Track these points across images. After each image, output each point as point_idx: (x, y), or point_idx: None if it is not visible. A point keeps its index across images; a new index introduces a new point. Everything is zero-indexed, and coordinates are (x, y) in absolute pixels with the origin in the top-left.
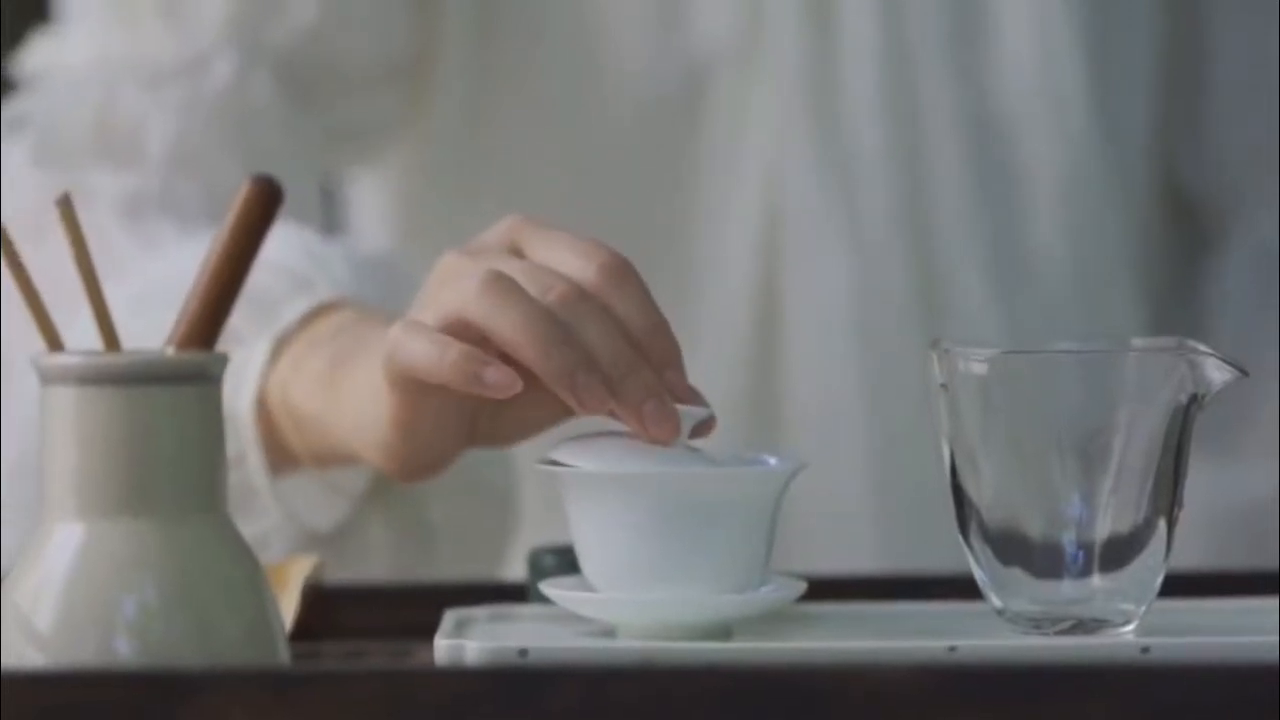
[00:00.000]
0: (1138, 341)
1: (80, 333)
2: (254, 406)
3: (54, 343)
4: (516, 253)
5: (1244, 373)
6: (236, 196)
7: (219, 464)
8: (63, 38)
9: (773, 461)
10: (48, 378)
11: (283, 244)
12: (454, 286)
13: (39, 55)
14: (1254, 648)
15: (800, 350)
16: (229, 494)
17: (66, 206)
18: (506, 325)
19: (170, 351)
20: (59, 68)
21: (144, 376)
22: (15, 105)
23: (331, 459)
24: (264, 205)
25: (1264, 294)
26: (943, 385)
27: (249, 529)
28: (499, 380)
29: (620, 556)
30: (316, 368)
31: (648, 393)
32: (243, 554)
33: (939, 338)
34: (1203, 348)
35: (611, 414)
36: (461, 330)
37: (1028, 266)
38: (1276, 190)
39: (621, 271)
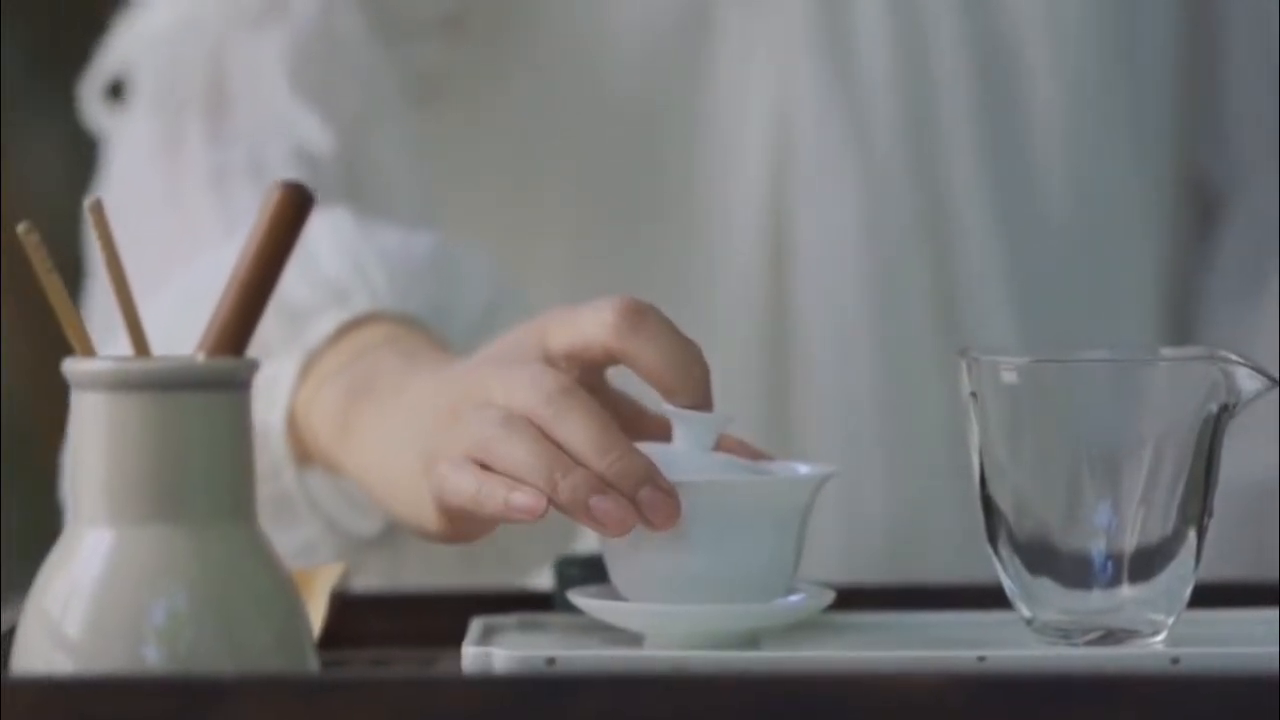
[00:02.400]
0: (1168, 351)
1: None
2: (285, 422)
3: (85, 349)
4: (544, 339)
5: (1275, 382)
6: (267, 202)
7: (249, 471)
8: (147, 11)
9: (802, 469)
10: (78, 384)
11: (328, 244)
12: (475, 424)
13: (126, 33)
14: None
15: (810, 283)
16: (269, 505)
17: (98, 213)
18: (515, 468)
19: (201, 358)
20: (153, 31)
21: (174, 383)
22: (108, 67)
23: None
24: (295, 210)
25: (1259, 274)
26: (972, 394)
27: (293, 538)
28: (525, 504)
29: (649, 565)
30: (333, 400)
31: (635, 481)
32: (272, 561)
33: (968, 347)
34: (1233, 356)
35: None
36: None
37: (1036, 197)
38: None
39: (638, 316)
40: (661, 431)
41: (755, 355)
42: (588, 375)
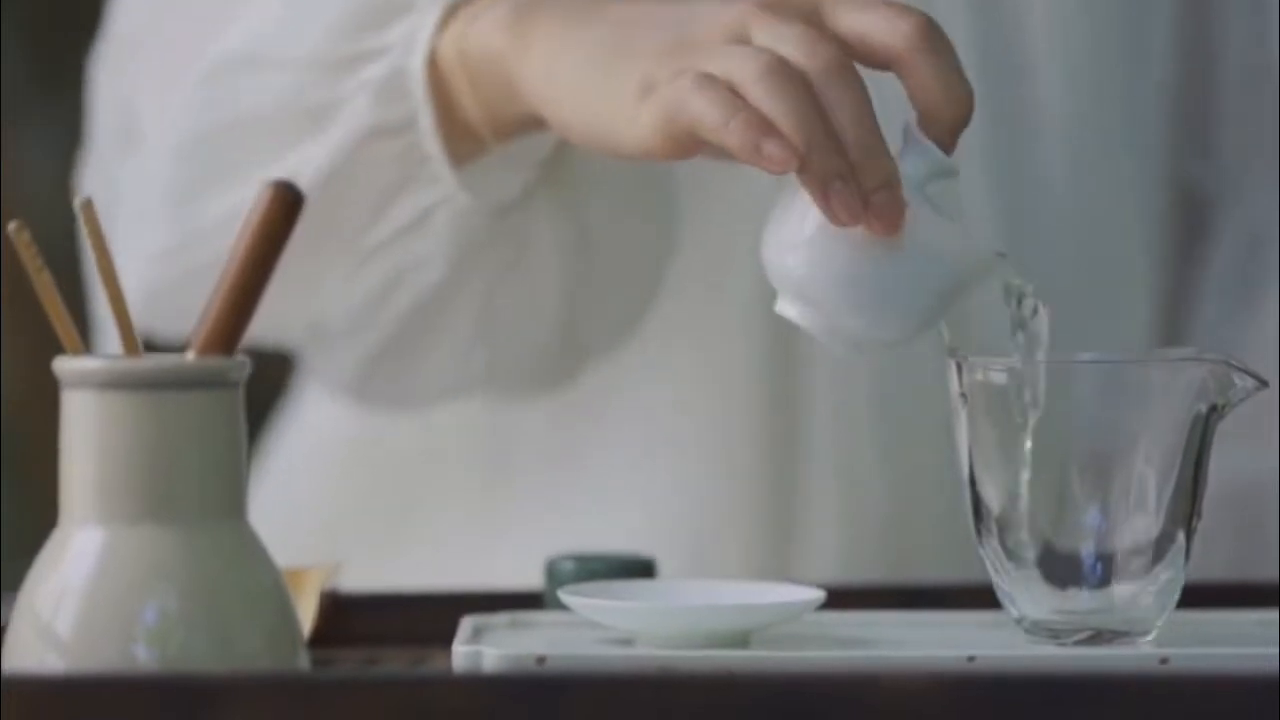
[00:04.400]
0: (1157, 352)
1: None
2: (425, 66)
3: (75, 347)
4: (822, 6)
5: (1264, 383)
6: (257, 202)
7: (240, 470)
8: None
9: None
10: (68, 382)
11: None
12: (738, 57)
13: None
14: (1273, 659)
15: None
16: (392, 165)
17: (88, 210)
18: (778, 115)
19: (191, 357)
20: None
21: (165, 382)
22: None
23: (507, 118)
24: (284, 210)
25: (1251, 285)
26: (962, 395)
27: (413, 203)
28: (777, 154)
29: (831, 260)
30: (498, 15)
31: (879, 181)
32: (263, 561)
33: (957, 347)
34: (1222, 357)
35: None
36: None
37: (1036, 199)
38: (1276, 177)
39: (939, 38)
40: None
41: (757, 358)
42: None
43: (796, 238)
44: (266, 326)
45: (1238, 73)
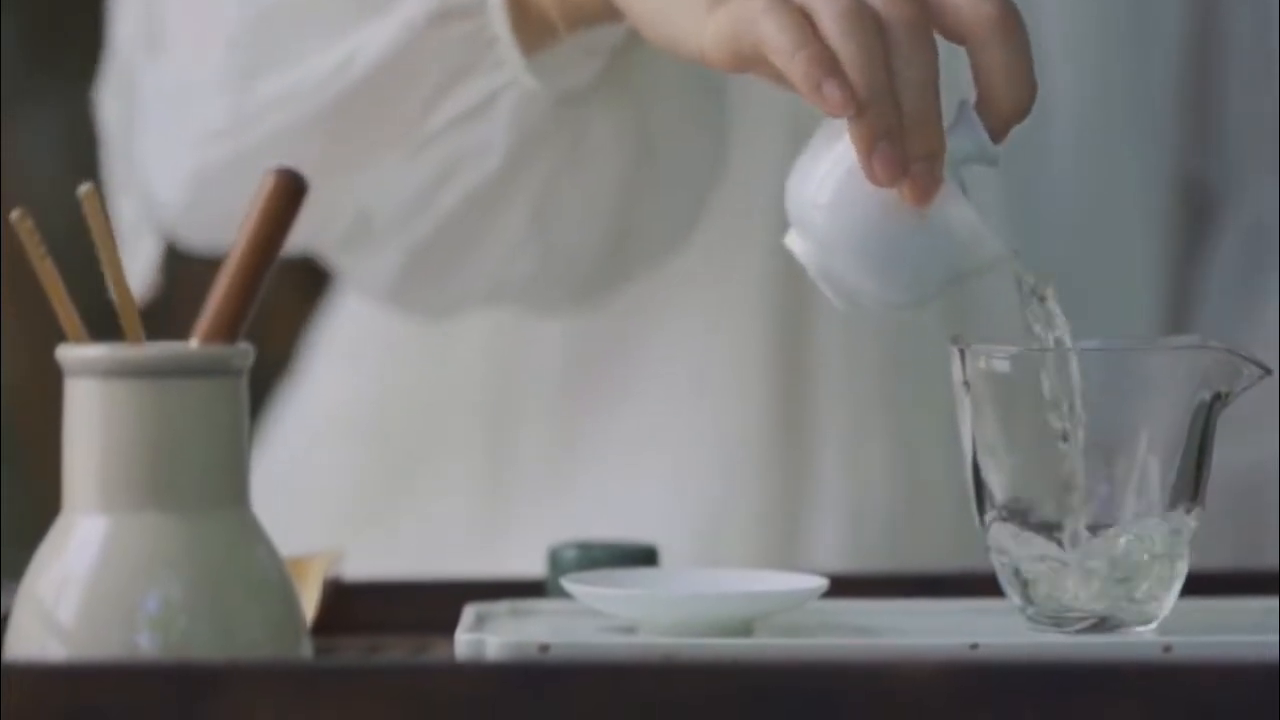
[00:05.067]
0: (1161, 339)
1: None
2: None
3: (78, 335)
4: None
5: (1267, 371)
6: (260, 190)
7: (243, 458)
8: None
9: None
10: (72, 370)
11: None
12: None
13: None
14: (1275, 647)
15: None
16: (459, 47)
17: (92, 199)
18: (847, 57)
19: (194, 345)
20: None
21: (168, 370)
22: None
23: (579, 2)
24: (288, 198)
25: (1253, 272)
26: (965, 383)
27: (476, 88)
28: (836, 97)
29: (853, 212)
30: None
31: (925, 150)
32: (266, 548)
33: (960, 334)
34: (1226, 345)
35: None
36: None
37: (1042, 189)
38: (1276, 167)
39: (1019, 27)
40: None
41: (765, 350)
42: None
43: (825, 181)
44: (315, 221)
45: (1243, 68)
